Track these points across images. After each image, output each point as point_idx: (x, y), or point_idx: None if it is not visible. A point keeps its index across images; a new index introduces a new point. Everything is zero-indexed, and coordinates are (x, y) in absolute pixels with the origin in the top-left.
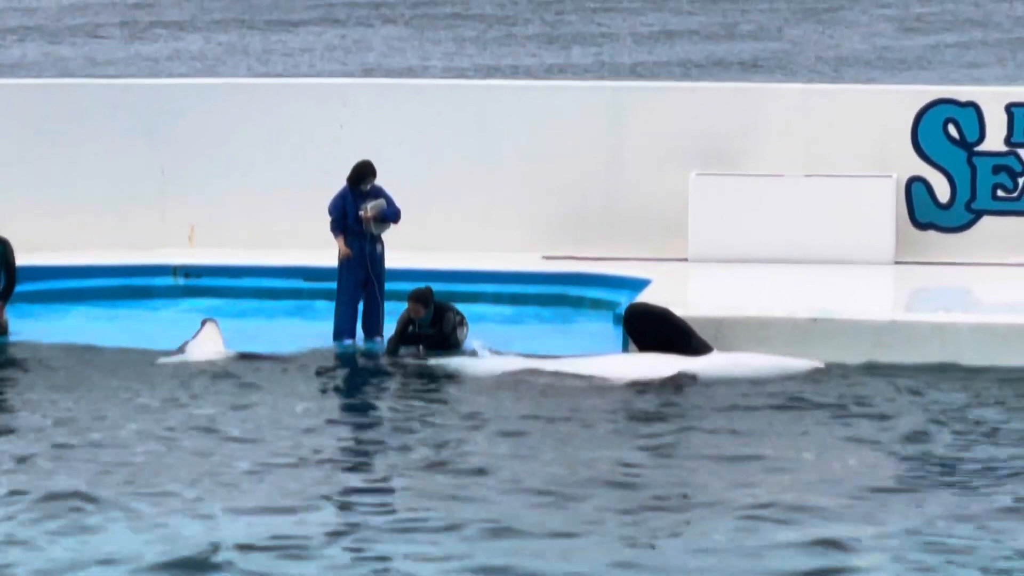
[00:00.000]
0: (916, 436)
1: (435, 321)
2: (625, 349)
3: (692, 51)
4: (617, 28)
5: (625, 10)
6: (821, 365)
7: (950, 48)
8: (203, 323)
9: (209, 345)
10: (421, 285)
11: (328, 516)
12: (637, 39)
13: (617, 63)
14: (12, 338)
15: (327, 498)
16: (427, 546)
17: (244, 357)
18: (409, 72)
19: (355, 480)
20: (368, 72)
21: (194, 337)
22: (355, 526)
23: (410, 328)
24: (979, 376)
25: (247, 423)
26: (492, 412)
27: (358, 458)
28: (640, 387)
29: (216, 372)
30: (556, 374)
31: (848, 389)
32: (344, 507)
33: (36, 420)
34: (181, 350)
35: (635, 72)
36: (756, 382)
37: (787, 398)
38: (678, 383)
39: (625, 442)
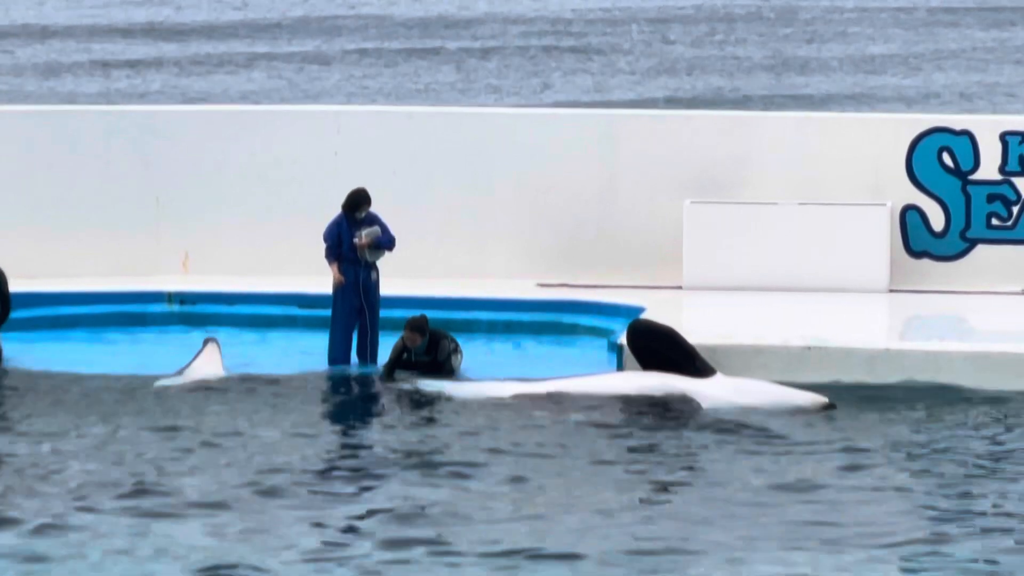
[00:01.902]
0: (911, 466)
1: (430, 349)
2: (619, 370)
3: (690, 86)
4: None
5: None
6: (825, 400)
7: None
8: (205, 342)
9: (209, 366)
10: (416, 313)
11: (317, 540)
12: (635, 73)
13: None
14: (6, 365)
15: (317, 521)
16: (418, 570)
17: (243, 379)
18: (405, 99)
19: (347, 504)
20: (363, 100)
21: (195, 357)
22: (345, 551)
23: (404, 356)
24: (973, 404)
25: (241, 446)
26: (487, 436)
27: (350, 481)
28: (640, 408)
29: (213, 394)
30: (553, 396)
31: (846, 418)
32: (335, 531)
33: (30, 446)
34: (181, 372)
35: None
36: (757, 409)
37: (786, 426)
38: (679, 405)
39: (623, 465)
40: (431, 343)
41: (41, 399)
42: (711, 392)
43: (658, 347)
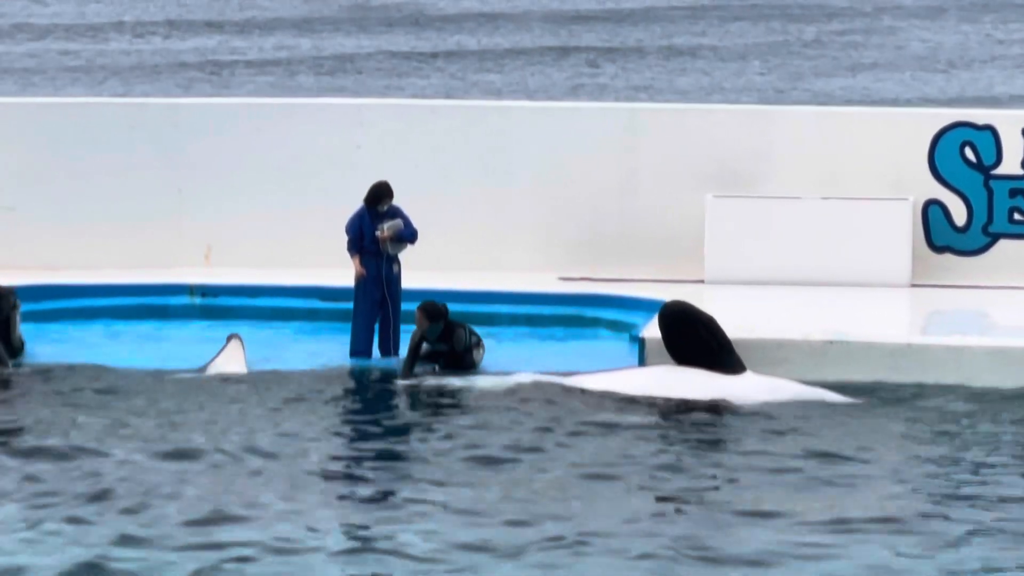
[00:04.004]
0: (933, 463)
1: (445, 337)
2: (641, 365)
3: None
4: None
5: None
6: (859, 402)
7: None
8: (228, 339)
9: (232, 363)
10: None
11: (339, 533)
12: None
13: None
14: (28, 357)
15: (338, 516)
16: (436, 566)
17: (264, 377)
18: (425, 92)
19: (368, 499)
20: (385, 93)
21: (218, 353)
22: (364, 545)
23: (424, 346)
24: (995, 400)
25: (262, 441)
26: (508, 432)
27: (370, 478)
28: (668, 405)
29: (235, 390)
30: (576, 391)
31: (868, 414)
32: (355, 525)
33: (51, 439)
34: (204, 368)
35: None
36: (787, 408)
37: (813, 425)
38: (708, 403)
39: (649, 462)
40: (446, 332)
41: (62, 391)
42: (742, 391)
43: (693, 334)
